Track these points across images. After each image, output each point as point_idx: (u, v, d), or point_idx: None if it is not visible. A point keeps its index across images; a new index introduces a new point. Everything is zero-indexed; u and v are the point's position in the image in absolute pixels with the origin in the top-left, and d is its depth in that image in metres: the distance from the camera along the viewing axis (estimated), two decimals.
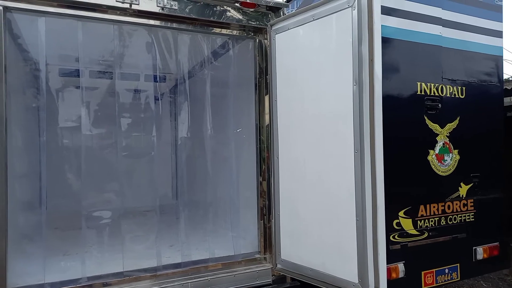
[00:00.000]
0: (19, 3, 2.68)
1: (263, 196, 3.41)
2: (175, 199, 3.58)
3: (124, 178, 3.68)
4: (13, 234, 2.76)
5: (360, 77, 2.50)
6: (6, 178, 2.62)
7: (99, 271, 2.97)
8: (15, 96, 2.94)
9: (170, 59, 3.46)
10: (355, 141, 2.53)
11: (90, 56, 3.77)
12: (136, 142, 5.15)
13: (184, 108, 3.68)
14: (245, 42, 3.54)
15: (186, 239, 3.45)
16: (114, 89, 3.43)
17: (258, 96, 3.45)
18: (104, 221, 3.68)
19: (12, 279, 2.68)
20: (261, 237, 3.40)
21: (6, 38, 2.64)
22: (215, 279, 3.09)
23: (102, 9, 2.87)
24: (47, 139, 2.90)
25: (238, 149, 3.65)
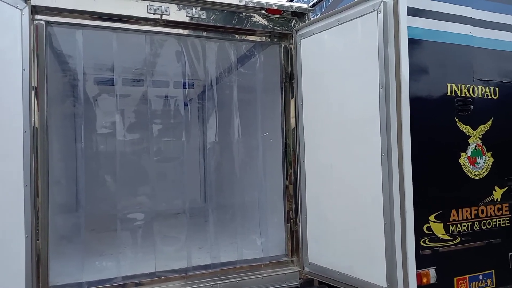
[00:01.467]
0: (59, 17, 2.86)
1: (289, 200, 3.44)
2: (204, 202, 3.66)
3: (156, 182, 3.81)
4: (54, 235, 2.93)
5: (386, 80, 2.49)
6: (48, 183, 2.80)
7: (132, 271, 3.10)
8: (55, 105, 3.13)
9: (198, 66, 3.57)
10: (382, 145, 2.52)
11: (123, 65, 3.95)
12: (166, 147, 5.32)
13: (212, 114, 3.78)
14: (271, 47, 3.60)
15: (215, 241, 3.53)
16: (146, 96, 3.58)
17: (284, 101, 3.49)
18: (137, 223, 3.83)
19: (53, 278, 2.85)
20: (288, 240, 3.43)
21: (47, 50, 2.83)
22: (243, 280, 3.14)
23: (134, 20, 3.01)
24: (85, 145, 3.07)
25: (265, 153, 3.70)
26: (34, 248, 2.53)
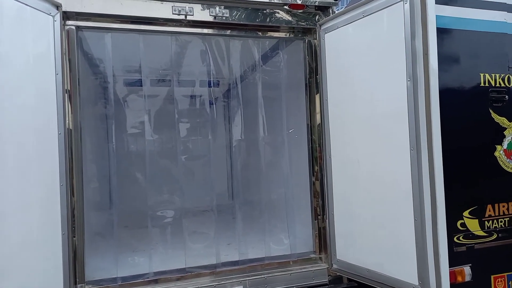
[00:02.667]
0: (89, 22, 2.96)
1: (316, 196, 3.42)
2: (231, 199, 3.71)
3: (184, 179, 3.89)
4: (89, 232, 3.05)
5: (414, 72, 2.42)
6: (82, 182, 2.92)
7: (164, 267, 3.18)
8: (88, 107, 3.26)
9: (223, 65, 3.61)
10: (410, 139, 2.45)
11: (150, 66, 4.05)
12: (193, 146, 5.42)
13: (237, 111, 3.81)
14: (295, 43, 3.58)
15: (243, 238, 3.56)
16: (173, 96, 3.66)
17: (309, 97, 3.46)
18: (167, 220, 3.92)
19: (89, 273, 2.97)
20: (316, 237, 3.41)
21: (78, 54, 2.94)
22: (271, 277, 3.15)
23: (160, 22, 3.08)
24: (116, 145, 3.18)
25: (291, 150, 3.69)
26: (70, 244, 2.65)
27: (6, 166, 2.22)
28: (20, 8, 2.35)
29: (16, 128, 2.32)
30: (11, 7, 2.29)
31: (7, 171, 2.23)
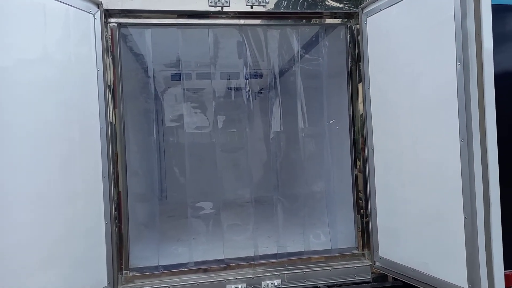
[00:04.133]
0: (130, 19, 3.03)
1: (359, 190, 3.26)
2: (271, 192, 3.67)
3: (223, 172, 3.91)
4: (133, 222, 3.18)
5: (465, 55, 2.19)
6: (126, 174, 3.03)
7: (204, 257, 3.24)
8: (130, 101, 3.37)
9: (260, 55, 3.54)
10: (460, 129, 2.23)
11: (189, 60, 4.11)
12: (232, 138, 5.44)
13: (276, 102, 3.73)
14: (336, 30, 3.41)
15: (283, 230, 3.51)
16: (211, 88, 3.67)
17: (351, 85, 3.29)
18: (207, 212, 3.98)
19: (133, 261, 3.10)
20: (359, 233, 3.27)
21: (121, 50, 3.04)
22: (310, 272, 3.08)
23: (197, 15, 3.08)
24: (157, 138, 3.27)
25: (332, 141, 3.56)
26: (114, 234, 2.77)
27: (52, 159, 2.37)
28: (61, 8, 2.46)
29: (62, 122, 2.45)
30: (53, 7, 2.41)
31: (53, 164, 2.37)
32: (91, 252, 2.60)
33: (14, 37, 2.20)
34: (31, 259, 2.21)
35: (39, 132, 2.31)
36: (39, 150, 2.29)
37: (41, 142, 2.32)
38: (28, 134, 2.24)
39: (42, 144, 2.32)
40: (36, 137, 2.29)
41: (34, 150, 2.27)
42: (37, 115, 2.30)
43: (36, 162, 2.28)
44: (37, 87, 2.31)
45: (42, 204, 2.30)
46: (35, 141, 2.28)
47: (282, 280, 3.03)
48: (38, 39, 2.33)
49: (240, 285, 2.96)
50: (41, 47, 2.35)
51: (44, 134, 2.34)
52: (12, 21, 2.18)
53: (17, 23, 2.21)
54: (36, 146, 2.28)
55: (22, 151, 2.20)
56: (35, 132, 2.28)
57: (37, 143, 2.29)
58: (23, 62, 2.25)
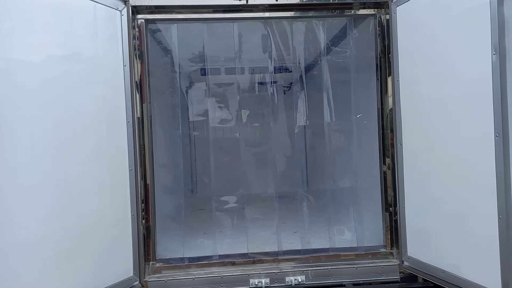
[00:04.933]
0: (157, 15, 3.08)
1: (387, 187, 3.15)
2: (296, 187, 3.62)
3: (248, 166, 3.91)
4: (160, 214, 3.25)
5: (501, 44, 2.04)
6: (153, 167, 3.10)
7: (228, 251, 3.25)
8: (157, 96, 3.43)
9: (285, 49, 3.49)
10: (495, 123, 2.09)
11: (214, 55, 4.12)
12: (256, 132, 5.41)
13: (301, 96, 3.67)
14: (365, 20, 3.29)
15: (309, 226, 3.46)
16: (236, 83, 3.66)
17: (380, 78, 3.17)
18: (232, 206, 4.00)
19: (160, 252, 3.17)
20: (387, 231, 3.16)
21: (148, 46, 3.09)
22: (335, 269, 3.02)
23: (222, 9, 3.08)
24: (182, 133, 3.31)
25: (360, 136, 3.45)
26: (140, 225, 2.84)
27: (82, 150, 2.46)
28: (89, 5, 2.54)
29: (91, 116, 2.54)
30: (81, 5, 2.48)
31: (83, 155, 2.47)
32: (118, 243, 2.69)
33: (44, 34, 2.29)
34: (60, 247, 2.31)
35: (70, 125, 2.41)
36: (69, 142, 2.39)
37: (72, 135, 2.42)
38: (59, 127, 2.34)
39: (73, 137, 2.42)
40: (66, 130, 2.39)
41: (65, 142, 2.37)
42: (68, 109, 2.40)
43: (67, 153, 2.38)
44: (67, 82, 2.40)
45: (72, 194, 2.40)
46: (66, 133, 2.38)
47: (306, 276, 2.99)
48: (67, 36, 2.42)
49: (263, 280, 2.95)
50: (70, 44, 2.44)
51: (74, 127, 2.44)
52: (41, 19, 2.28)
53: (46, 21, 2.30)
54: (67, 138, 2.38)
55: (53, 143, 2.30)
56: (66, 125, 2.38)
57: (67, 135, 2.39)
58: (53, 58, 2.34)
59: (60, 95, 2.36)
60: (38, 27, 2.26)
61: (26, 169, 2.16)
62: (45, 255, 2.23)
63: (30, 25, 2.22)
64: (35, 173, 2.21)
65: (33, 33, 2.23)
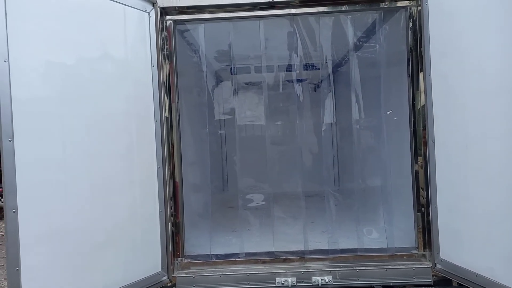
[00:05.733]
0: (184, 15, 3.13)
1: (419, 186, 3.02)
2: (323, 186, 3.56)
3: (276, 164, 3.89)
4: (188, 211, 3.31)
5: None
6: (181, 165, 3.16)
7: (255, 249, 3.26)
8: (185, 95, 3.49)
9: (312, 45, 3.44)
10: None
11: (240, 53, 4.13)
12: (283, 130, 5.36)
13: (329, 93, 3.60)
14: (395, 13, 3.18)
15: (337, 226, 3.40)
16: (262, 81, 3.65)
17: (411, 73, 3.05)
18: (259, 204, 4.00)
19: (188, 248, 3.23)
20: (419, 232, 3.03)
21: (176, 46, 3.15)
22: (364, 270, 2.94)
23: (248, 7, 3.08)
24: (209, 131, 3.35)
25: (390, 133, 3.34)
26: (168, 221, 2.91)
27: (114, 148, 2.56)
28: (119, 8, 2.62)
29: (122, 116, 2.63)
30: (111, 8, 2.58)
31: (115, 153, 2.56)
32: (147, 238, 2.77)
33: (77, 36, 2.39)
34: (92, 241, 2.41)
35: (102, 124, 2.51)
36: (101, 140, 2.50)
37: (103, 133, 2.52)
38: (91, 126, 2.44)
39: (104, 135, 2.52)
40: (98, 129, 2.49)
41: (97, 140, 2.47)
42: (99, 109, 2.50)
43: (99, 151, 2.48)
44: (98, 82, 2.50)
45: (104, 190, 2.50)
46: (98, 132, 2.48)
47: (334, 276, 2.94)
48: (98, 38, 2.51)
49: (289, 279, 2.93)
50: (101, 46, 2.53)
51: (106, 126, 2.54)
52: (74, 22, 2.38)
53: (79, 24, 2.40)
54: (100, 137, 2.49)
55: (86, 141, 2.41)
56: (98, 124, 2.48)
57: (100, 134, 2.49)
58: (85, 60, 2.45)
59: (92, 95, 2.47)
60: (71, 29, 2.37)
61: (60, 165, 2.27)
62: (79, 247, 2.34)
63: (64, 28, 2.32)
64: (69, 169, 2.31)
65: (67, 36, 2.34)
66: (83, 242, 2.36)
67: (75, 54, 2.39)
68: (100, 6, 2.51)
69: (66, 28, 2.34)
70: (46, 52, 2.23)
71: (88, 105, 2.44)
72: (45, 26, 2.23)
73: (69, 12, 2.35)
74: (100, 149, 2.49)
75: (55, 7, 2.29)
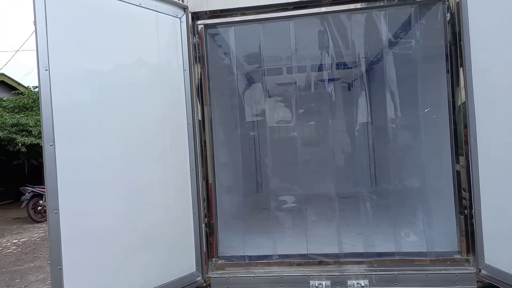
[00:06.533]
0: (215, 19, 3.17)
1: (461, 187, 2.87)
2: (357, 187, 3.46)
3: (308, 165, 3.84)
4: (222, 213, 3.34)
5: None
6: (214, 167, 3.20)
7: (288, 251, 3.23)
8: (216, 98, 3.53)
9: (344, 44, 3.36)
10: None
11: (271, 55, 4.11)
12: (314, 131, 5.26)
13: (362, 92, 3.50)
14: (431, 6, 3.04)
15: (373, 228, 3.30)
16: (293, 81, 3.62)
17: (450, 69, 2.90)
18: (290, 205, 3.95)
19: (222, 249, 3.26)
20: (462, 235, 2.88)
21: (207, 50, 3.20)
22: (402, 275, 2.83)
23: (279, 8, 3.07)
24: (241, 133, 3.36)
25: (428, 132, 3.19)
26: (201, 222, 2.95)
27: (149, 151, 2.64)
28: (151, 15, 2.70)
29: (156, 120, 2.71)
30: (143, 15, 2.66)
31: (150, 156, 2.64)
32: (181, 239, 2.82)
33: (112, 44, 2.49)
34: (129, 241, 2.49)
35: (137, 128, 2.60)
36: (137, 144, 2.58)
37: (139, 137, 2.60)
38: (128, 130, 2.53)
39: (140, 139, 2.61)
40: (135, 133, 2.58)
41: (134, 144, 2.56)
42: (135, 113, 2.59)
43: (135, 154, 2.57)
44: (133, 87, 2.59)
45: (139, 192, 2.58)
46: (134, 136, 2.57)
47: (370, 280, 2.85)
48: (132, 45, 2.61)
49: (324, 282, 2.88)
50: (135, 52, 2.62)
51: (141, 130, 2.62)
52: (109, 30, 2.48)
53: (113, 32, 2.50)
54: (135, 141, 2.58)
55: (123, 144, 2.51)
56: (134, 129, 2.57)
57: (136, 138, 2.58)
58: (121, 66, 2.54)
59: (128, 100, 2.56)
60: (107, 38, 2.47)
61: (99, 168, 2.37)
62: (117, 246, 2.43)
63: (100, 37, 2.43)
64: (107, 172, 2.41)
65: (103, 44, 2.44)
66: (120, 242, 2.44)
67: (111, 62, 2.49)
68: (133, 14, 2.60)
69: (102, 37, 2.44)
70: (84, 60, 2.34)
71: (124, 110, 2.53)
72: (83, 36, 2.34)
73: (104, 22, 2.45)
74: (135, 152, 2.58)
75: (92, 18, 2.39)
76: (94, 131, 2.37)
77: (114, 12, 2.52)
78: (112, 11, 2.51)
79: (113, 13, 2.51)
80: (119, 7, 2.55)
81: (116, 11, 2.53)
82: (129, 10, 2.60)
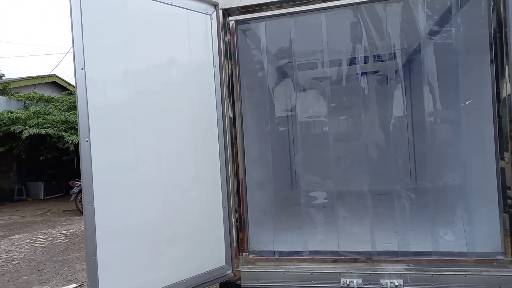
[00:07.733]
0: (246, 15, 3.16)
1: (506, 184, 2.68)
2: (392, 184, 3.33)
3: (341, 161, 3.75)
4: (252, 208, 3.35)
5: None
6: (244, 162, 3.22)
7: (319, 247, 3.19)
8: (247, 93, 3.54)
9: (379, 35, 3.24)
10: None
11: (302, 49, 4.03)
12: (347, 125, 5.10)
13: (398, 84, 3.35)
14: None
15: (410, 226, 3.17)
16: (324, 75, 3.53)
17: (495, 59, 2.71)
18: (322, 202, 3.89)
19: (253, 244, 3.28)
20: (506, 235, 2.70)
21: (238, 46, 3.21)
22: (440, 276, 2.70)
23: (308, 0, 3.00)
24: (271, 128, 3.35)
25: (470, 126, 3.00)
26: (231, 217, 2.98)
27: (182, 147, 2.71)
28: (182, 13, 2.75)
29: (188, 116, 2.77)
30: (174, 13, 2.71)
31: (182, 151, 2.71)
32: (212, 233, 2.87)
33: (145, 44, 2.56)
34: (161, 236, 2.57)
35: (169, 126, 2.67)
36: (170, 141, 2.65)
37: (171, 134, 2.67)
38: (161, 128, 2.60)
39: (172, 136, 2.67)
40: (167, 131, 2.65)
41: (166, 141, 2.63)
42: (167, 111, 2.66)
43: (167, 151, 2.64)
44: (165, 86, 2.66)
45: (171, 188, 2.65)
46: (167, 133, 2.64)
47: (404, 280, 2.75)
48: (164, 44, 2.67)
49: (355, 280, 2.81)
50: (167, 51, 2.69)
51: (173, 127, 2.69)
52: (141, 30, 2.55)
53: (146, 31, 2.57)
54: (168, 138, 2.64)
55: (156, 141, 2.58)
56: (166, 126, 2.64)
57: (168, 135, 2.65)
58: (153, 66, 2.62)
59: (160, 98, 2.63)
60: (140, 38, 2.54)
61: (132, 164, 2.46)
62: (149, 240, 2.51)
63: (133, 37, 2.51)
64: (140, 168, 2.49)
65: (136, 44, 2.52)
66: (152, 236, 2.53)
67: (144, 61, 2.56)
68: (164, 13, 2.66)
69: (135, 37, 2.51)
70: (118, 60, 2.43)
71: (157, 108, 2.60)
72: (117, 36, 2.42)
73: (137, 21, 2.53)
74: (168, 149, 2.65)
75: (125, 18, 2.47)
76: (128, 128, 2.45)
77: (146, 12, 2.59)
78: (144, 10, 2.58)
79: (145, 13, 2.58)
80: (151, 7, 2.61)
81: (148, 10, 2.60)
82: (160, 9, 2.66)
